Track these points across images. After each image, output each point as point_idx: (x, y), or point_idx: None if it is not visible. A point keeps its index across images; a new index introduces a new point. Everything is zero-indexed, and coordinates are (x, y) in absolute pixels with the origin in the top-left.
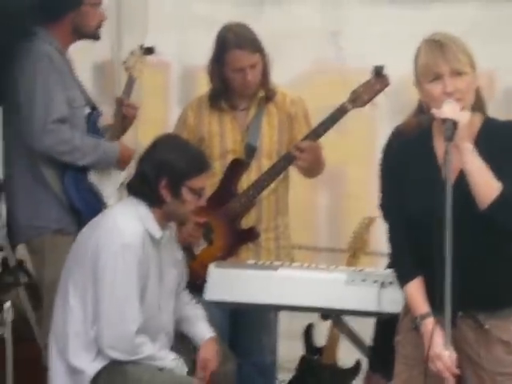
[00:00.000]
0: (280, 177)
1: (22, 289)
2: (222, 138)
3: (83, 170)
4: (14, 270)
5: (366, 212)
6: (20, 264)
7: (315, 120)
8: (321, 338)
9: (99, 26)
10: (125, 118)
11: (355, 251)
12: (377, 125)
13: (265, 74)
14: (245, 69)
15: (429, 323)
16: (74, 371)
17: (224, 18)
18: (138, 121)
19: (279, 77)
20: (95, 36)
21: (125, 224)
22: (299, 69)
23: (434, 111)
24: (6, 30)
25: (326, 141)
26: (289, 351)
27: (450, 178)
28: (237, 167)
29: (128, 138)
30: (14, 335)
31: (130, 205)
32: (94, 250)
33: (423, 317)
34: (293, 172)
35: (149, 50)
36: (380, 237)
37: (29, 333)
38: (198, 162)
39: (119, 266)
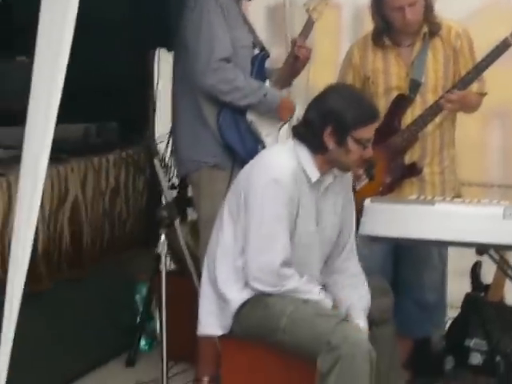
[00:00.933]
0: (445, 112)
1: (178, 224)
2: (386, 74)
3: (241, 110)
4: (168, 206)
5: None
6: (189, 201)
7: None
8: (489, 276)
9: None
10: (297, 60)
11: None
12: None
13: (428, 9)
14: (403, 7)
15: None
16: (222, 297)
17: None
18: (309, 62)
19: (448, 12)
20: None
21: (278, 160)
22: (470, 4)
23: None
24: None
25: (498, 77)
26: (458, 289)
27: None
28: (401, 103)
29: (299, 80)
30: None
31: (289, 145)
32: (248, 181)
33: None
34: None
35: None
36: None
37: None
38: (367, 113)
39: (268, 199)
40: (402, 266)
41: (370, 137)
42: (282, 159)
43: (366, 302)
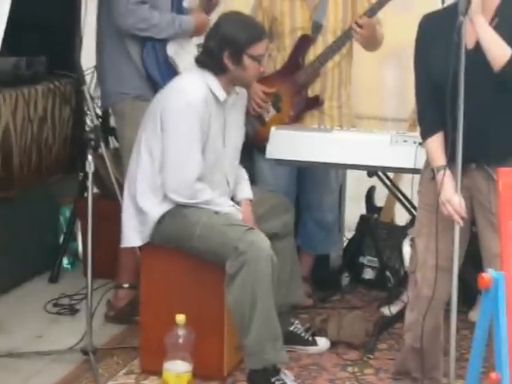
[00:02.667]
0: (343, 51)
1: (103, 147)
2: (292, 16)
3: (162, 45)
4: (95, 129)
5: None
6: (111, 130)
7: None
8: (382, 200)
9: None
10: (210, 1)
11: (415, 121)
12: (438, 5)
13: None
14: None
15: (443, 173)
16: (141, 212)
17: None
18: (224, 5)
19: None
20: None
21: (190, 85)
22: None
23: None
24: None
25: (393, 21)
26: (355, 213)
27: (467, 44)
28: (304, 42)
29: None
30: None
31: (196, 72)
32: (163, 106)
33: (439, 168)
34: (362, 50)
35: None
36: None
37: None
38: (255, 31)
39: (183, 120)
40: (304, 189)
41: (263, 52)
42: (193, 84)
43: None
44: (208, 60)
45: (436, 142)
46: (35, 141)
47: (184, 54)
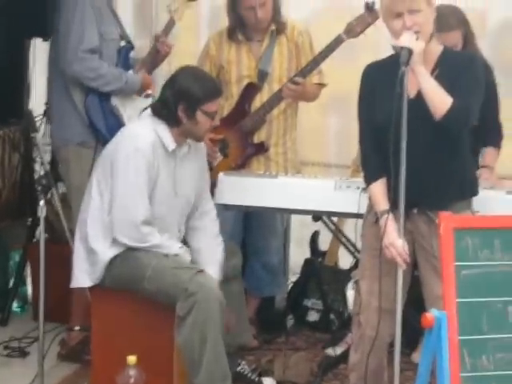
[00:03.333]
0: (289, 99)
1: (54, 192)
2: (238, 65)
3: (107, 95)
4: (47, 175)
5: None
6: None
7: None
8: (326, 244)
9: None
10: (158, 54)
11: (358, 167)
12: (380, 57)
13: (275, 10)
14: (255, 7)
15: (386, 217)
16: (92, 253)
17: None
18: (172, 53)
19: (293, 13)
20: None
21: (139, 132)
22: (311, 6)
23: (393, 42)
24: None
25: (336, 70)
26: (299, 256)
27: (408, 94)
28: (251, 90)
29: (163, 68)
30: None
31: (148, 120)
32: (113, 151)
33: (382, 213)
34: None
35: None
36: None
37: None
38: (212, 90)
39: (131, 166)
40: (251, 233)
41: (216, 109)
42: (142, 131)
43: (219, 256)
44: (162, 110)
45: (379, 187)
46: None
47: (128, 103)
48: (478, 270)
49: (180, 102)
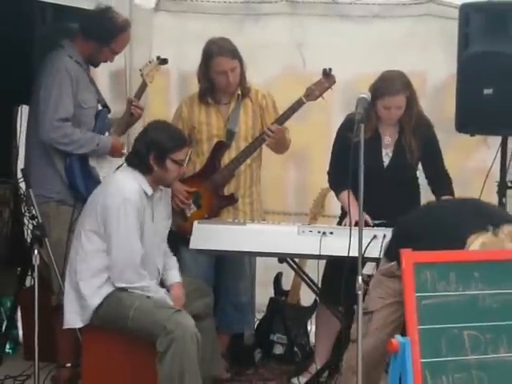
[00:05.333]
0: (254, 155)
1: (46, 241)
2: (208, 125)
3: (85, 157)
4: (40, 227)
5: (324, 184)
6: None
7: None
8: (288, 284)
9: (105, 61)
10: (132, 116)
11: (315, 214)
12: (332, 116)
13: (242, 76)
14: (227, 72)
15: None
16: (82, 298)
17: (212, 34)
18: (144, 116)
19: (256, 78)
20: (96, 65)
21: (125, 184)
22: (272, 72)
23: None
24: (40, 43)
25: (293, 129)
26: (264, 296)
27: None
28: (220, 148)
29: (137, 130)
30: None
31: (127, 171)
32: (102, 204)
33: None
34: (268, 154)
35: (163, 61)
36: (332, 203)
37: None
38: (179, 140)
39: (123, 215)
40: (222, 276)
41: (183, 158)
42: (126, 181)
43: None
44: (136, 160)
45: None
46: None
47: (105, 164)
48: (436, 300)
49: (151, 151)
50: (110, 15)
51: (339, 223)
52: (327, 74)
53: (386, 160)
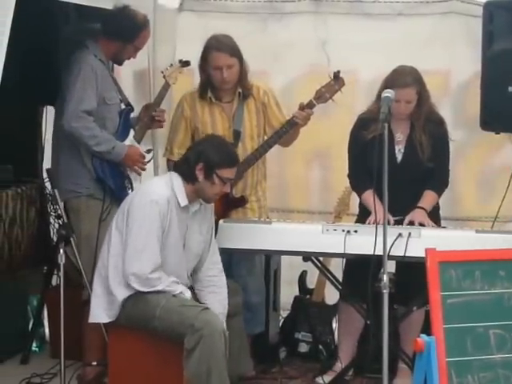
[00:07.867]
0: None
1: (73, 240)
2: (213, 126)
3: None
4: (66, 226)
5: (348, 183)
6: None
7: None
8: (313, 282)
9: (128, 59)
10: (154, 121)
11: (339, 213)
12: (355, 115)
13: (242, 75)
14: (222, 68)
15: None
16: (110, 294)
17: (236, 33)
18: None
19: (280, 77)
20: (121, 64)
21: (156, 187)
22: (296, 71)
23: None
24: (65, 43)
25: (317, 128)
26: (288, 294)
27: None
28: None
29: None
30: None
31: (167, 177)
32: (130, 203)
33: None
34: (293, 153)
35: (186, 63)
36: (357, 201)
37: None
38: (230, 158)
39: (144, 217)
40: (231, 274)
41: (230, 177)
42: (159, 187)
43: (223, 308)
44: (183, 166)
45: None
46: (6, 238)
47: None
48: (461, 299)
49: (200, 161)
50: (129, 13)
51: (357, 222)
52: (337, 76)
53: (399, 156)
